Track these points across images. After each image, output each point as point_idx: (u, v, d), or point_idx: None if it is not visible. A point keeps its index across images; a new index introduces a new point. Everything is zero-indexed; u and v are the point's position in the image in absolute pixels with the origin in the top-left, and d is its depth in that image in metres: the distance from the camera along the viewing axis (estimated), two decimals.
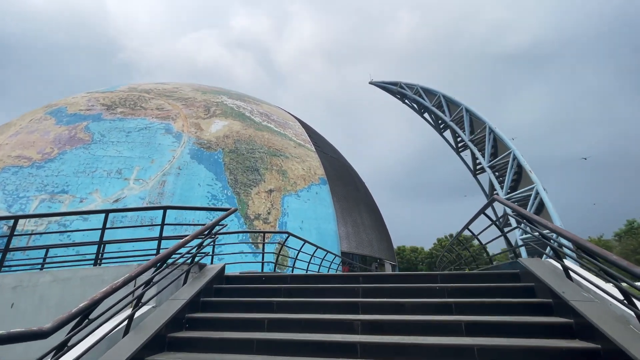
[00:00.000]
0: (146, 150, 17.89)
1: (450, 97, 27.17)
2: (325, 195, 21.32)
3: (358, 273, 3.70)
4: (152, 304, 2.95)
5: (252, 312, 3.06)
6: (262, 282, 3.88)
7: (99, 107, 20.58)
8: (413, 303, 3.09)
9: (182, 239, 3.31)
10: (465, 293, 3.36)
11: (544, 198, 16.92)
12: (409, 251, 53.15)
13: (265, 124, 23.36)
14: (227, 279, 4.02)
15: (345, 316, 2.85)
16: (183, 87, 25.66)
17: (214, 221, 3.63)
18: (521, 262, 3.44)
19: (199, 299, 3.27)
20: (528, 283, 3.41)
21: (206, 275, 3.55)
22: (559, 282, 2.89)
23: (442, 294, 3.33)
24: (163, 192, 16.42)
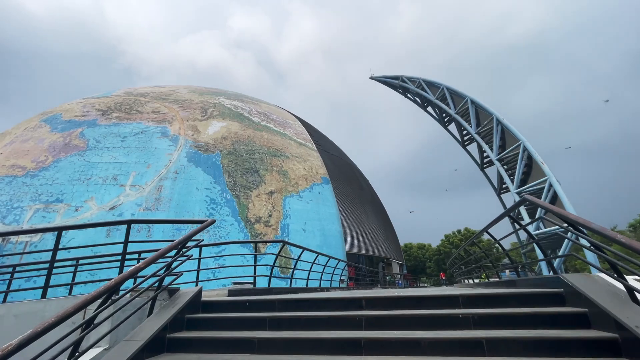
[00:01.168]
0: (142, 155, 17.39)
1: (454, 89, 26.29)
2: (328, 195, 20.67)
3: (361, 295, 3.02)
4: (103, 345, 2.37)
5: (229, 352, 2.46)
6: (244, 308, 3.25)
7: (95, 113, 20.14)
8: (431, 339, 2.35)
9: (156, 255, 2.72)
10: (496, 321, 2.62)
11: (559, 191, 16.07)
12: (416, 248, 52.27)
13: (265, 123, 22.76)
14: (205, 305, 3.37)
15: (343, 359, 2.25)
16: (180, 89, 25.16)
17: (185, 236, 3.00)
18: (565, 278, 2.72)
19: (164, 335, 2.65)
20: (578, 308, 2.66)
21: (177, 302, 2.93)
22: (623, 309, 2.20)
23: (467, 324, 2.61)
24: (160, 198, 15.91)
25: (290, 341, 2.43)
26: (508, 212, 3.98)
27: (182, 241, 2.92)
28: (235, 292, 4.55)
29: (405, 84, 32.55)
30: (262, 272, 16.14)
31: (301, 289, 6.61)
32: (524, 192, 18.18)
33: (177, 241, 2.80)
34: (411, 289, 17.98)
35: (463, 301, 2.84)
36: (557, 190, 16.22)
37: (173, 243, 2.67)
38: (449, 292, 3.07)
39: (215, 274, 14.94)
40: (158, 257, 2.36)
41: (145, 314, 2.79)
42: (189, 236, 3.08)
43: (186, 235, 3.03)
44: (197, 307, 3.21)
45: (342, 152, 30.52)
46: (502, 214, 4.38)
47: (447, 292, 3.08)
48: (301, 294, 5.15)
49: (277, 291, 5.22)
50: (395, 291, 6.05)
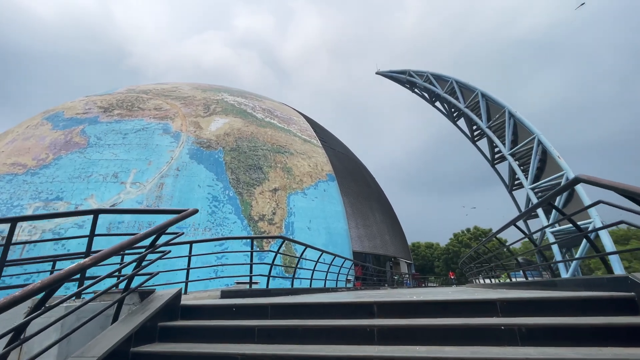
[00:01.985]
0: (143, 152, 17.05)
1: (463, 82, 25.41)
2: (334, 192, 20.10)
3: (371, 299, 2.44)
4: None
5: None
6: (231, 315, 2.71)
7: (96, 110, 19.88)
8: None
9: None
10: (551, 336, 1.95)
11: (577, 186, 15.22)
12: (424, 247, 51.33)
13: (268, 120, 22.29)
14: (185, 310, 2.84)
15: None
16: (182, 86, 24.84)
17: (156, 227, 2.45)
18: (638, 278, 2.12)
19: (127, 349, 2.15)
20: None
21: (148, 307, 2.41)
22: None
23: (513, 338, 1.97)
24: (161, 195, 15.53)
25: (280, 359, 1.90)
26: (549, 199, 3.37)
27: (151, 234, 2.39)
28: (229, 293, 4.04)
29: (412, 78, 31.70)
30: (265, 271, 15.71)
31: (304, 290, 6.08)
32: (538, 187, 17.36)
33: (144, 233, 2.27)
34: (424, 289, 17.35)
35: (502, 307, 2.23)
36: (575, 187, 15.33)
37: (137, 235, 2.15)
38: (482, 296, 2.46)
39: (217, 272, 14.50)
40: (112, 254, 1.85)
41: (108, 321, 2.29)
42: (162, 228, 2.55)
43: (158, 227, 2.49)
44: (175, 312, 2.68)
45: (348, 149, 29.92)
46: (539, 203, 3.78)
47: (480, 295, 2.48)
48: (302, 295, 4.63)
49: (275, 292, 4.69)
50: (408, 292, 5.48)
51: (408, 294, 4.07)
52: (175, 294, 2.74)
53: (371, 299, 2.64)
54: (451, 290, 5.90)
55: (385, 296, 3.45)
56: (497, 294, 2.64)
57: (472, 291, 4.71)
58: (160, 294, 2.73)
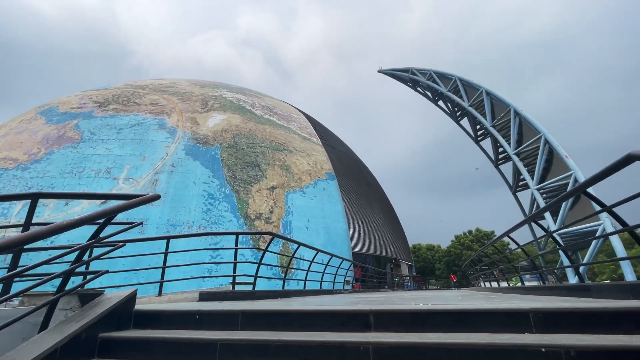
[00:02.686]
0: (138, 147, 16.59)
1: (467, 80, 24.80)
2: (333, 191, 19.60)
3: (367, 307, 1.89)
4: None
5: None
6: (193, 324, 2.19)
7: (91, 105, 19.45)
8: None
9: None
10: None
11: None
12: (425, 249, 50.69)
13: (267, 117, 21.82)
14: (140, 317, 2.33)
15: None
16: (180, 82, 24.41)
17: (96, 213, 1.89)
18: None
19: None
20: None
21: (88, 313, 1.91)
22: None
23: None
24: (155, 192, 15.01)
25: None
26: (583, 188, 2.87)
27: (88, 219, 1.84)
28: (208, 296, 3.56)
29: (415, 76, 31.12)
30: (264, 272, 15.19)
31: (296, 292, 5.56)
32: (545, 187, 16.79)
33: (76, 220, 1.75)
34: (426, 292, 16.81)
35: (536, 320, 1.72)
36: None
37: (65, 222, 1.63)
38: (508, 305, 1.90)
39: (211, 271, 14.01)
40: (17, 244, 1.33)
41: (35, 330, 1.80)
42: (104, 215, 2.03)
43: (100, 212, 1.97)
44: (126, 319, 2.17)
45: (349, 148, 29.42)
46: (563, 196, 3.25)
47: (502, 303, 1.94)
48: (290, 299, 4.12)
49: (261, 295, 4.18)
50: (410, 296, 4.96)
51: (411, 299, 3.56)
52: (128, 296, 2.21)
53: (367, 306, 2.13)
54: (460, 295, 5.39)
55: (385, 302, 2.95)
56: (523, 302, 2.13)
57: (483, 296, 4.21)
58: (109, 297, 2.22)
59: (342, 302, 3.21)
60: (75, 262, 1.99)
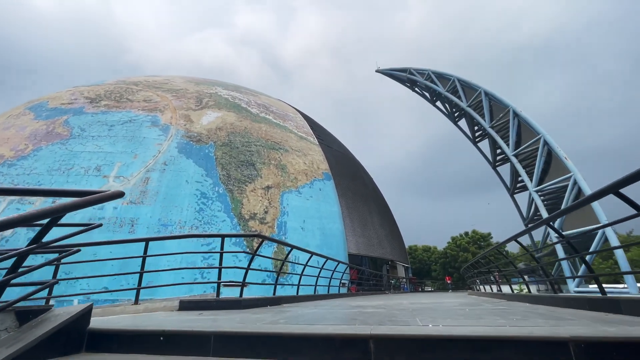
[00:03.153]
0: (129, 144, 16.14)
1: (466, 80, 24.60)
2: (329, 191, 19.28)
3: (366, 333, 1.52)
4: None
5: None
6: (157, 347, 1.81)
7: (82, 101, 18.94)
8: None
9: None
10: None
11: (585, 189, 14.39)
12: (421, 251, 50.50)
13: (263, 115, 21.44)
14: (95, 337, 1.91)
15: None
16: (175, 78, 23.94)
17: (36, 212, 1.49)
18: None
19: None
20: None
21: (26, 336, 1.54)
22: None
23: None
24: (146, 191, 14.63)
25: None
26: (615, 189, 2.56)
27: (23, 220, 1.42)
28: (190, 305, 3.20)
29: (413, 76, 30.89)
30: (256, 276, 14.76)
31: (288, 299, 5.20)
32: (544, 190, 16.59)
33: (7, 220, 1.35)
34: (424, 294, 16.51)
35: (579, 352, 1.33)
36: (582, 188, 14.61)
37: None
38: (542, 332, 1.46)
39: (203, 274, 13.62)
40: None
41: None
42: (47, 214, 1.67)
43: (42, 211, 1.59)
44: (77, 341, 1.77)
45: (346, 148, 29.11)
46: (592, 196, 2.94)
47: (539, 331, 1.49)
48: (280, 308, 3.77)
49: (248, 303, 3.79)
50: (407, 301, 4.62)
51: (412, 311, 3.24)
52: (81, 312, 1.81)
53: (366, 327, 1.77)
54: (464, 302, 5.02)
55: (385, 317, 2.62)
56: (555, 327, 1.75)
57: (491, 306, 3.88)
58: (57, 313, 1.84)
59: (336, 316, 2.88)
60: (11, 271, 1.63)
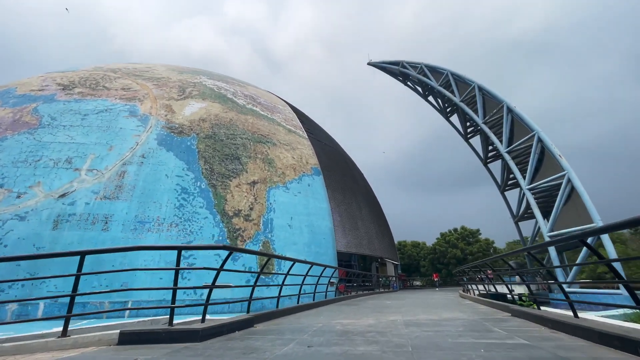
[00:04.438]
0: (104, 135, 15.12)
1: (459, 74, 24.05)
2: (318, 187, 18.62)
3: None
4: None
5: None
6: None
7: (54, 87, 17.68)
8: None
9: None
10: None
11: (579, 187, 14.10)
12: (410, 246, 50.55)
13: (250, 107, 20.52)
14: None
15: None
16: (157, 66, 22.73)
17: None
18: None
19: None
20: None
21: None
22: None
23: None
24: (122, 185, 13.71)
25: None
26: (583, 237, 1.96)
27: None
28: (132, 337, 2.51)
29: (405, 69, 30.22)
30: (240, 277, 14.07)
31: (264, 317, 4.49)
32: (537, 188, 16.29)
33: None
34: (415, 295, 16.13)
35: None
36: (576, 187, 14.32)
37: None
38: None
39: (183, 274, 12.85)
40: None
41: None
42: None
43: None
44: None
45: (336, 143, 28.42)
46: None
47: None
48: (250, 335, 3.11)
49: (209, 332, 3.04)
50: (401, 317, 4.01)
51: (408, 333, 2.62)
52: None
53: None
54: (471, 313, 4.44)
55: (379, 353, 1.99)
56: None
57: (506, 341, 3.29)
58: None
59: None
60: None
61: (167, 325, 2.91)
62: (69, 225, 12.28)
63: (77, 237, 12.09)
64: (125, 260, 12.30)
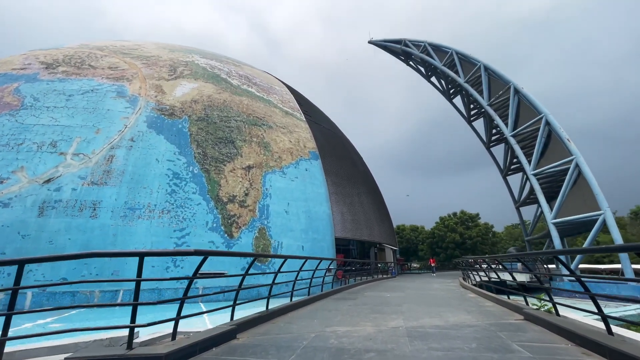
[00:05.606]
0: (90, 117, 14.38)
1: (464, 53, 22.84)
2: (316, 172, 18.05)
3: None
4: None
5: None
6: None
7: (37, 66, 16.73)
8: None
9: None
10: None
11: (587, 174, 13.52)
12: (409, 230, 50.53)
13: (245, 87, 19.61)
14: None
15: None
16: (147, 44, 21.58)
17: None
18: None
19: None
20: None
21: None
22: None
23: None
24: (110, 170, 13.11)
25: None
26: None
27: None
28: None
29: (408, 48, 28.87)
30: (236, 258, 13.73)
31: (248, 324, 3.98)
32: (543, 173, 15.73)
33: None
34: (412, 282, 15.88)
35: None
36: (585, 173, 13.76)
37: None
38: None
39: (176, 262, 12.50)
40: None
41: None
42: None
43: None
44: None
45: (335, 125, 27.59)
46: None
47: None
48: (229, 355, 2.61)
49: (179, 356, 2.54)
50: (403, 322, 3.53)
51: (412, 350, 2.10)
52: None
53: None
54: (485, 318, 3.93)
55: None
56: None
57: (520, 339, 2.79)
58: None
59: None
60: None
61: (125, 349, 2.42)
62: (56, 212, 11.77)
63: (64, 225, 11.62)
64: (116, 248, 11.85)
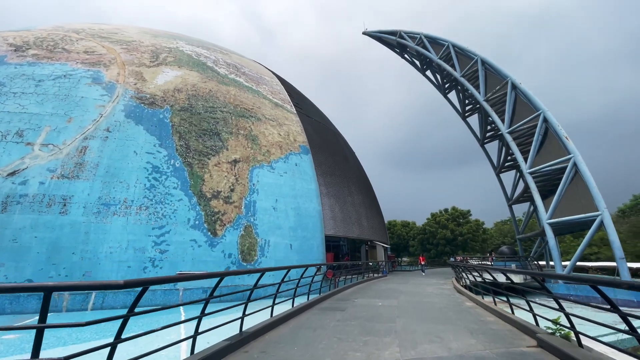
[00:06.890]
0: (62, 105, 13.33)
1: (461, 46, 22.19)
2: (307, 167, 17.32)
3: None
4: None
5: None
6: None
7: (5, 48, 15.46)
8: None
9: None
10: None
11: (585, 173, 13.14)
12: (400, 226, 50.38)
13: (233, 77, 18.63)
14: None
15: None
16: (128, 28, 20.31)
17: None
18: None
19: None
20: None
21: None
22: None
23: None
24: (83, 162, 12.14)
25: None
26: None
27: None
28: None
29: (403, 40, 28.08)
30: (220, 258, 13.01)
31: (220, 353, 3.29)
32: (539, 172, 15.34)
33: None
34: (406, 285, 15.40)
35: None
36: (582, 172, 13.40)
37: None
38: None
39: (155, 262, 11.68)
40: None
41: None
42: None
43: None
44: None
45: (326, 119, 26.79)
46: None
47: None
48: None
49: None
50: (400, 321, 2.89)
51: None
52: None
53: None
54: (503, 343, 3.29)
55: None
56: None
57: None
58: None
59: None
60: None
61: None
62: (21, 208, 10.81)
63: (30, 221, 10.68)
64: (88, 247, 11.01)
